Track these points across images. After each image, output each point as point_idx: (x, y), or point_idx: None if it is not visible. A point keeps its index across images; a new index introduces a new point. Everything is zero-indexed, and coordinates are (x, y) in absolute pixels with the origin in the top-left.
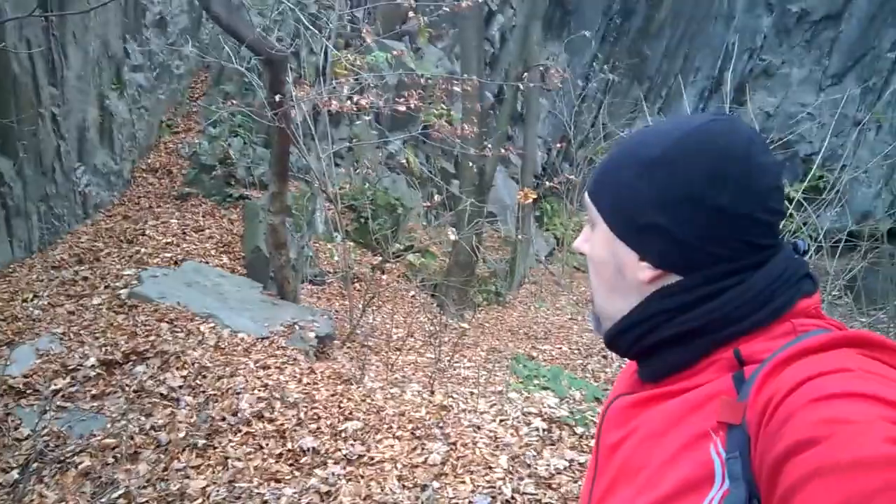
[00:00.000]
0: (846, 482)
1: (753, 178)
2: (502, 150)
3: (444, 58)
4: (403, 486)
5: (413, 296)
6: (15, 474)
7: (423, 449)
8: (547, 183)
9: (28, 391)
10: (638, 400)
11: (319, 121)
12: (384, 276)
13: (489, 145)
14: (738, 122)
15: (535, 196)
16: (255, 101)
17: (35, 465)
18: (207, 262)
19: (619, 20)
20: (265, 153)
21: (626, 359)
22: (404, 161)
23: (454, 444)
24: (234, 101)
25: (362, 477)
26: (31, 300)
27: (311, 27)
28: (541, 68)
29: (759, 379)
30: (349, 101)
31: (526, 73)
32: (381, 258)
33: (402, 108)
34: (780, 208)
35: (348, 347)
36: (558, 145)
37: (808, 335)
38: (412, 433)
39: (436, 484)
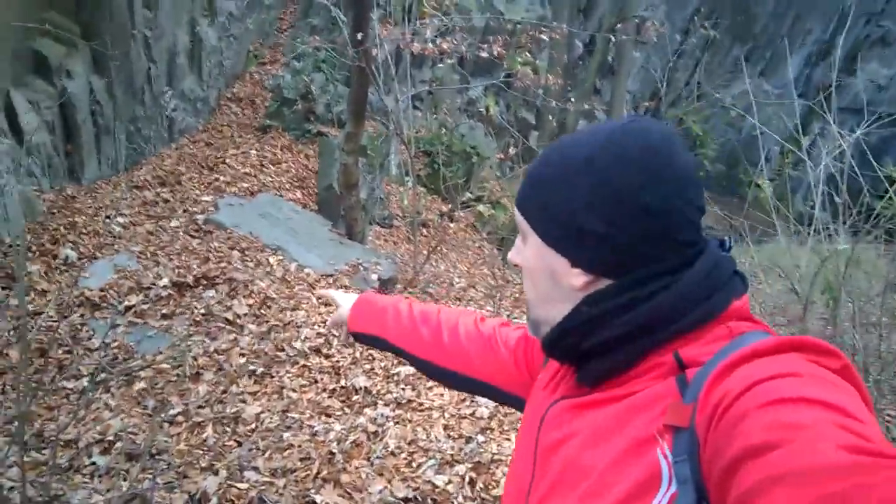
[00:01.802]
0: (804, 489)
1: (676, 176)
2: (587, 105)
3: (536, 2)
4: (449, 436)
5: (479, 247)
6: (84, 382)
7: (471, 402)
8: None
9: (103, 304)
10: (579, 403)
11: (401, 62)
12: (452, 225)
13: (572, 98)
14: (655, 122)
15: None
16: (340, 38)
17: (103, 375)
18: (281, 196)
19: None
20: (346, 91)
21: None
22: (484, 108)
23: None
24: (319, 37)
25: (410, 421)
26: (114, 217)
27: None
28: (636, 20)
29: (708, 381)
30: (431, 44)
31: (620, 25)
32: (450, 206)
33: (485, 55)
34: (702, 205)
35: (409, 292)
36: (647, 103)
37: (745, 337)
38: None
39: (481, 438)
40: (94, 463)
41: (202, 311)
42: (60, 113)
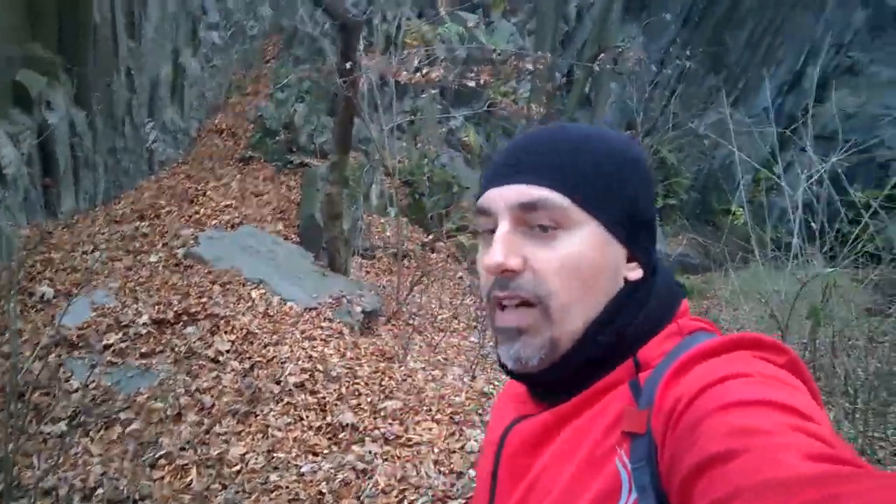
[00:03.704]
0: (774, 501)
1: None
2: None
3: (517, 33)
4: (439, 472)
5: (461, 277)
6: (63, 426)
7: (461, 435)
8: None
9: (81, 344)
10: (542, 423)
11: (386, 92)
12: (433, 255)
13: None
14: None
15: None
16: (325, 67)
17: (82, 418)
18: (263, 228)
19: (703, 4)
20: (329, 121)
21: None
22: (465, 138)
23: None
24: (303, 68)
25: (399, 458)
26: (91, 252)
27: None
28: (616, 50)
29: (661, 385)
30: (418, 73)
31: (602, 55)
32: (432, 236)
33: (472, 84)
34: None
35: (393, 324)
36: (624, 132)
37: (695, 336)
38: (451, 418)
39: (472, 472)
40: None
41: (183, 348)
42: (39, 145)
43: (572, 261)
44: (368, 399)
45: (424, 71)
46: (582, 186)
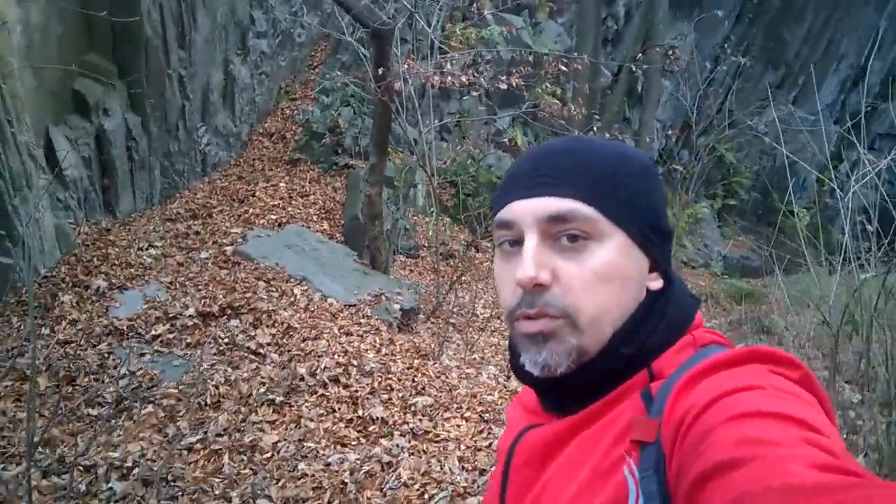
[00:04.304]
0: None
1: None
2: (612, 134)
3: (564, 34)
4: (463, 468)
5: None
6: (109, 409)
7: (489, 433)
8: (659, 168)
9: (131, 333)
10: (553, 433)
11: (426, 94)
12: (478, 255)
13: (594, 128)
14: None
15: None
16: (360, 73)
17: (126, 402)
18: (309, 227)
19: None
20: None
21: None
22: (511, 139)
23: None
24: (348, 73)
25: (425, 452)
26: (146, 249)
27: None
28: (665, 48)
29: (673, 395)
30: (450, 77)
31: (641, 54)
32: (472, 236)
33: (504, 86)
34: None
35: (432, 323)
36: (678, 131)
37: (708, 349)
38: (480, 416)
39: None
40: (111, 488)
41: (226, 340)
42: (97, 149)
43: (602, 271)
44: (400, 394)
45: (458, 74)
46: (609, 198)
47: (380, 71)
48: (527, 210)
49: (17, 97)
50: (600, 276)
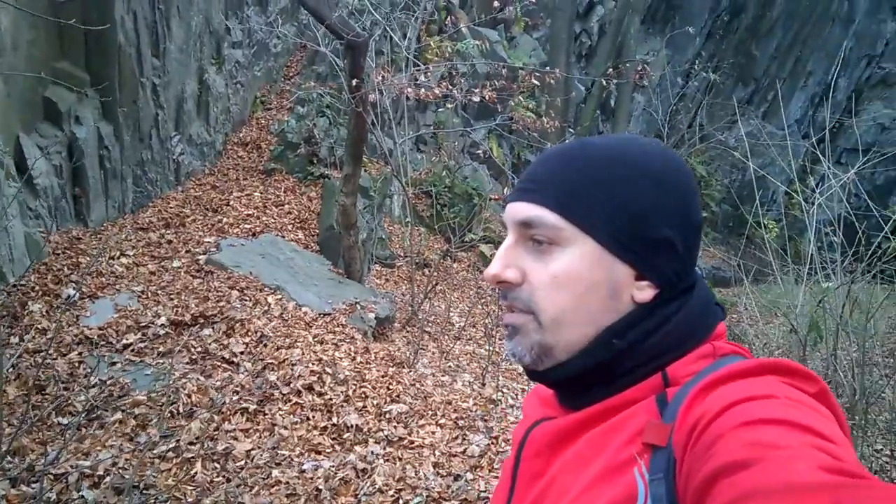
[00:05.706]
0: None
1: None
2: None
3: (539, 48)
4: (437, 474)
5: (480, 286)
6: (80, 418)
7: (463, 439)
8: None
9: (101, 342)
10: (564, 427)
11: (401, 106)
12: (454, 265)
13: (567, 140)
14: None
15: None
16: (334, 84)
17: (98, 411)
18: (283, 237)
19: (728, 17)
20: None
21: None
22: (487, 150)
23: (496, 438)
24: (324, 83)
25: (399, 459)
26: (118, 258)
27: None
28: (635, 64)
29: (687, 401)
30: (422, 90)
31: (611, 70)
32: (447, 246)
33: (477, 99)
34: None
35: (407, 331)
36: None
37: (727, 359)
38: (455, 422)
39: (469, 475)
40: (82, 497)
41: (199, 349)
42: (69, 157)
43: (561, 276)
44: (375, 402)
45: (432, 86)
46: (577, 206)
47: (354, 82)
48: (509, 213)
49: None
50: (559, 281)
